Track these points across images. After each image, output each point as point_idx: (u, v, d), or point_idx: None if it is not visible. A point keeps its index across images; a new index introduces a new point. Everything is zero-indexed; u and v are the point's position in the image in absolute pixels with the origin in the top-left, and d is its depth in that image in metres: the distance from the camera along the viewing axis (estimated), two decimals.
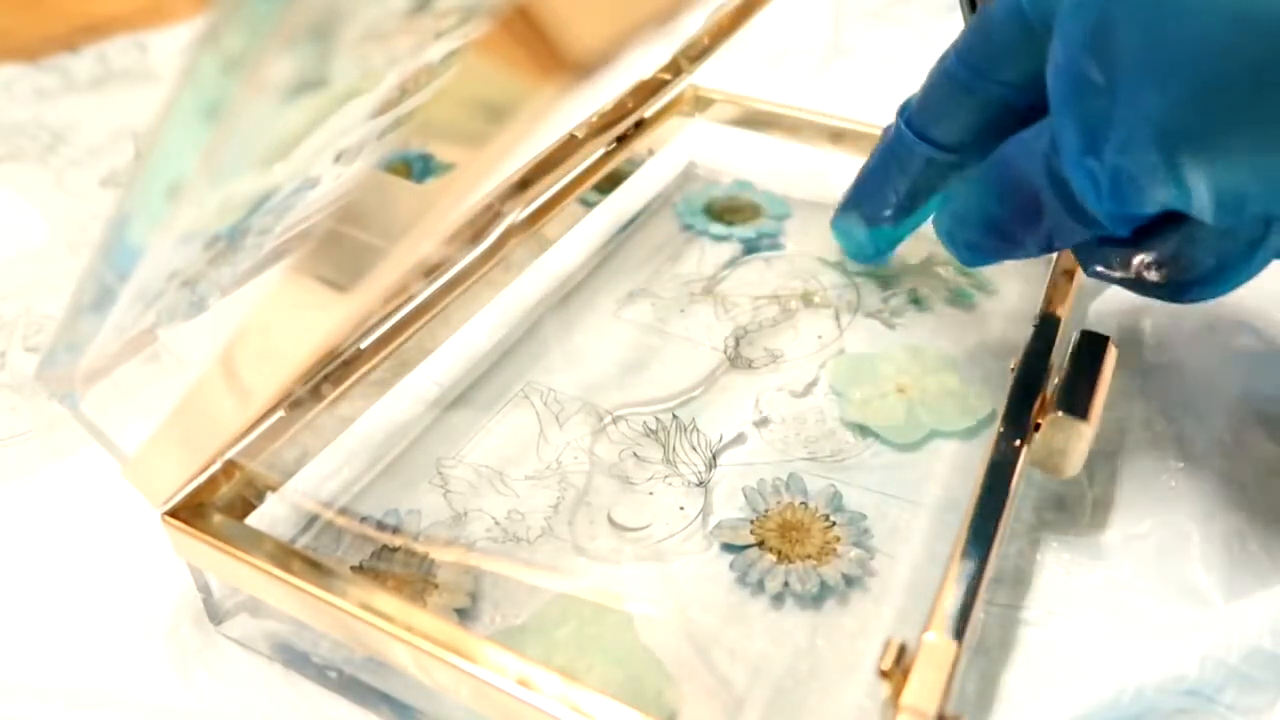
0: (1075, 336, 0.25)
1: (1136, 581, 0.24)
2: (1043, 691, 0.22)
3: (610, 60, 0.11)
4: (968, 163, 0.25)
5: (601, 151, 0.34)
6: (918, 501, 0.26)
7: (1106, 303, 0.31)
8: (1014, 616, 0.23)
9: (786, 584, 0.24)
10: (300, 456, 0.25)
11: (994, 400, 0.28)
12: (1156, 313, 0.30)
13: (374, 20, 0.16)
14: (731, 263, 0.35)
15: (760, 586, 0.24)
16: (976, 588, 0.20)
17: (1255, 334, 0.29)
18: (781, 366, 0.30)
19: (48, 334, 0.33)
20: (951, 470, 0.27)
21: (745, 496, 0.26)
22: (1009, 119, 0.24)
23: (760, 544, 0.25)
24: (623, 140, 0.35)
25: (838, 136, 0.36)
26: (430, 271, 0.28)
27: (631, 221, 0.37)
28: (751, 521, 0.25)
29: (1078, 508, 0.26)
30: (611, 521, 0.26)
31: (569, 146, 0.32)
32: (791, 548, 0.25)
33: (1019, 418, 0.23)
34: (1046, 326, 0.26)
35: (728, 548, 0.25)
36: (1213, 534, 0.24)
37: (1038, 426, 0.23)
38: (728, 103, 0.38)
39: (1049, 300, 0.27)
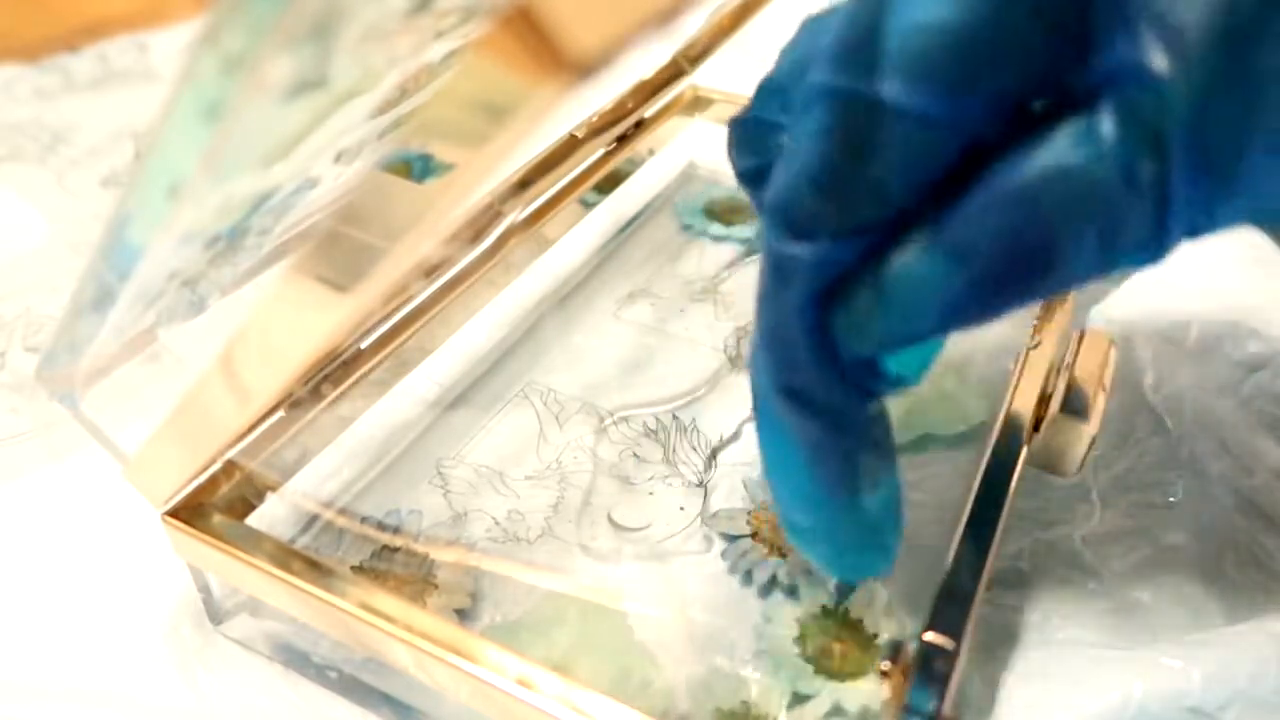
0: (1076, 336, 0.25)
1: (1138, 589, 0.24)
2: (1043, 696, 0.22)
3: (610, 60, 0.11)
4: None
5: (601, 151, 0.34)
6: (917, 501, 0.26)
7: (1107, 304, 0.31)
8: (1014, 618, 0.23)
9: (776, 578, 0.24)
10: (300, 456, 0.25)
11: (990, 405, 0.28)
12: (1161, 315, 0.30)
13: (374, 20, 0.16)
14: (732, 263, 0.35)
15: (748, 578, 0.24)
16: (976, 588, 0.20)
17: (1263, 340, 0.29)
18: None
19: (48, 334, 0.33)
20: (951, 470, 0.27)
21: (746, 488, 0.26)
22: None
23: (754, 535, 0.25)
24: (623, 140, 0.34)
25: None
26: (430, 271, 0.28)
27: (631, 221, 0.37)
28: (749, 514, 0.25)
29: (1079, 511, 0.26)
30: (611, 521, 0.26)
31: (569, 146, 0.32)
32: (788, 543, 0.25)
33: (1019, 418, 0.23)
34: (1047, 327, 0.26)
35: (724, 537, 0.25)
36: (1219, 545, 0.24)
37: (1038, 426, 0.23)
38: (728, 103, 0.38)
39: (1049, 300, 0.27)
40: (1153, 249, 0.15)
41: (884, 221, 0.15)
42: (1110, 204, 0.14)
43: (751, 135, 0.19)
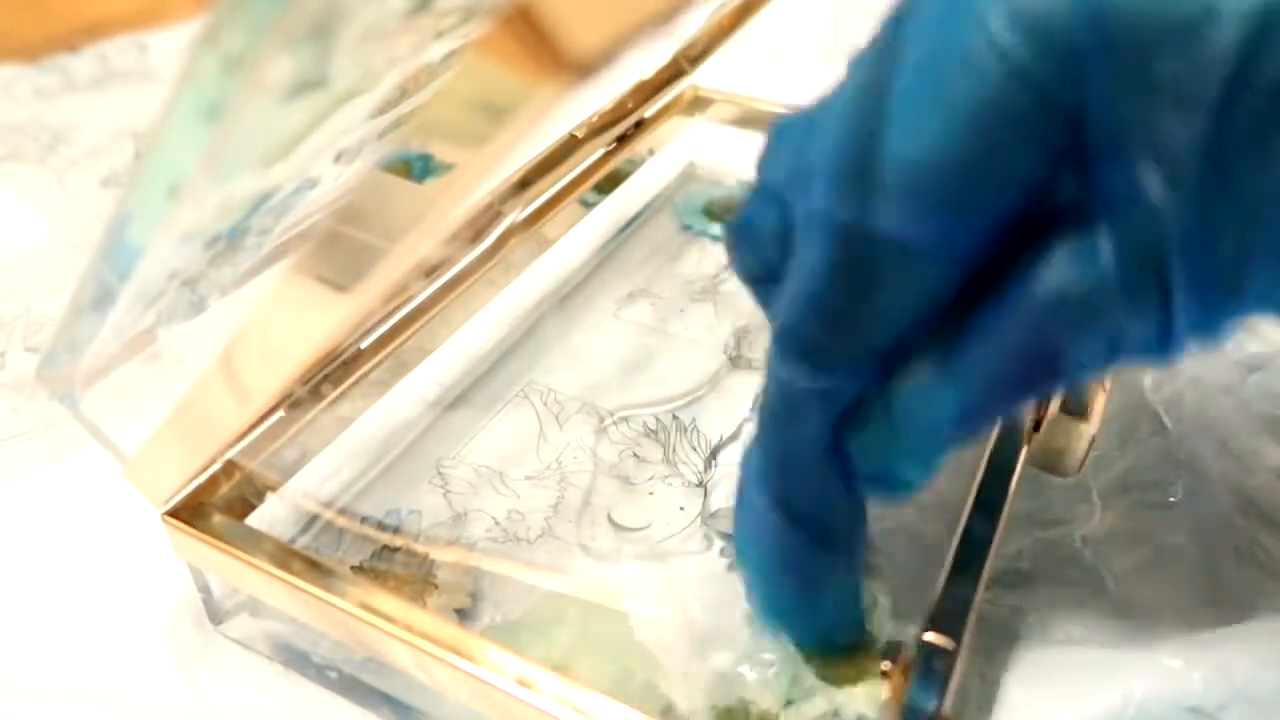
0: None
1: (1138, 589, 0.24)
2: (1043, 696, 0.22)
3: (610, 60, 0.11)
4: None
5: (601, 151, 0.34)
6: (917, 501, 0.26)
7: None
8: (1014, 618, 0.23)
9: None
10: (300, 456, 0.25)
11: None
12: None
13: (374, 20, 0.16)
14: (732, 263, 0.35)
15: None
16: (976, 588, 0.20)
17: (1263, 340, 0.29)
18: None
19: (48, 334, 0.33)
20: (952, 471, 0.27)
21: None
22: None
23: None
24: (623, 140, 0.34)
25: None
26: (430, 271, 0.28)
27: (631, 221, 0.37)
28: None
29: (1079, 511, 0.26)
30: (611, 521, 0.26)
31: (569, 146, 0.32)
32: None
33: (1019, 418, 0.23)
34: None
35: (724, 536, 0.25)
36: (1219, 545, 0.24)
37: (1038, 426, 0.23)
38: (728, 103, 0.38)
39: None
40: (1162, 353, 0.15)
41: (891, 347, 0.16)
42: (1115, 320, 0.15)
43: (751, 239, 0.18)
